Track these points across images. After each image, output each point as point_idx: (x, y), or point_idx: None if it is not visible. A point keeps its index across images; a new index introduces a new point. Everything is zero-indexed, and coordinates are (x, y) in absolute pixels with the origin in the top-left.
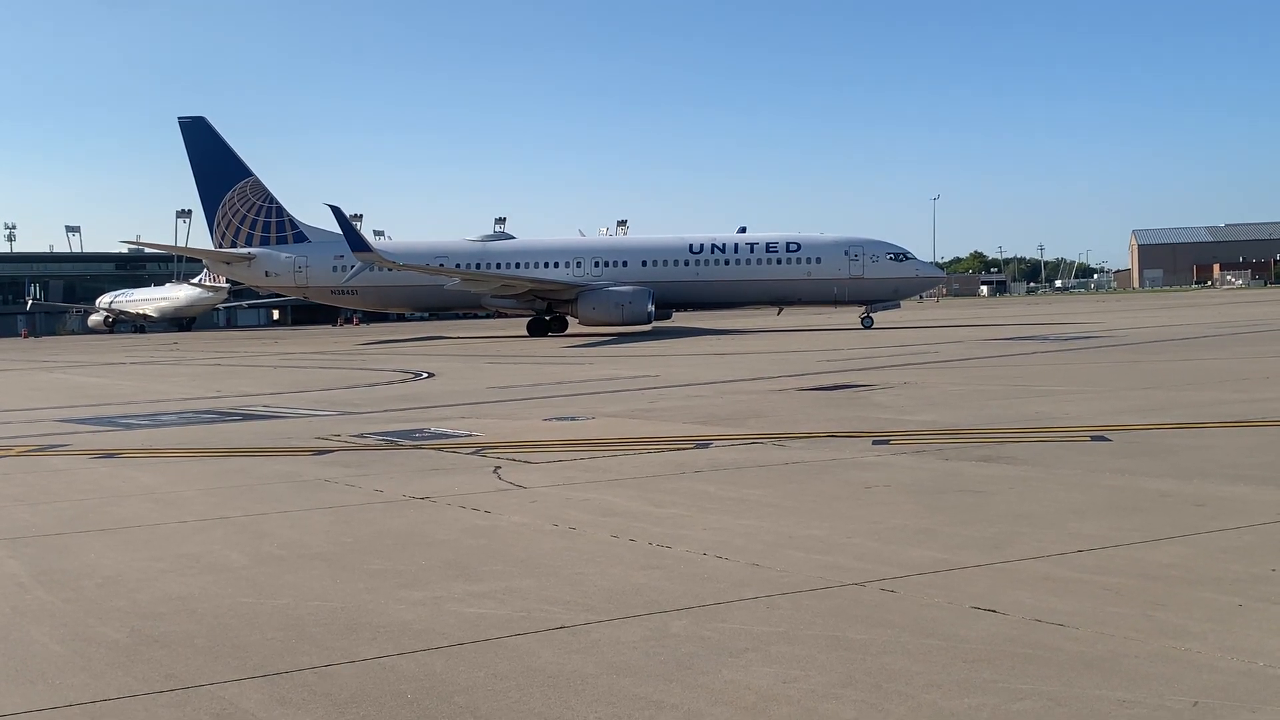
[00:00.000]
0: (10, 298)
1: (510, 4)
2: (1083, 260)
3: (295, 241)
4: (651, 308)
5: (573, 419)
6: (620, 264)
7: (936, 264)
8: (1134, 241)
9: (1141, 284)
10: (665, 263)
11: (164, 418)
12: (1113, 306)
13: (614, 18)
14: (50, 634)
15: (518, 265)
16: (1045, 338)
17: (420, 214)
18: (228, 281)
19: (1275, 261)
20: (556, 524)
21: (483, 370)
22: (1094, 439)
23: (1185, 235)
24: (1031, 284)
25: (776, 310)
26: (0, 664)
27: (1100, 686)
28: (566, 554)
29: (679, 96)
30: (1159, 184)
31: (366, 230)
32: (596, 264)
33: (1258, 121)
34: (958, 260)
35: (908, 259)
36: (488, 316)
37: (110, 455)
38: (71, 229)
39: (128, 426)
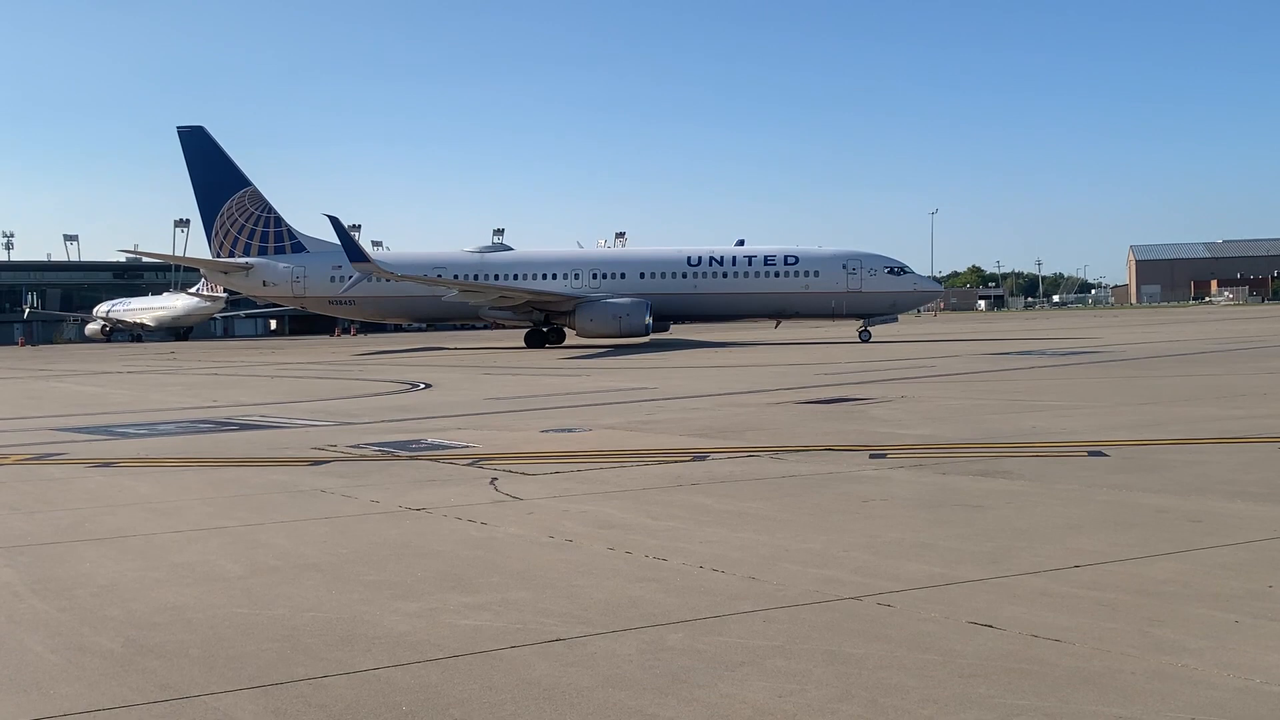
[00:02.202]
0: (7, 306)
1: (510, 17)
2: (1080, 276)
3: (293, 251)
4: (649, 320)
5: (570, 431)
6: (618, 276)
7: (934, 278)
8: (1132, 257)
9: (1139, 300)
10: (663, 275)
11: (160, 427)
12: (1110, 322)
13: (613, 31)
14: (45, 643)
15: (515, 277)
16: (1043, 353)
17: (418, 225)
18: (225, 291)
19: (1273, 278)
20: (553, 536)
21: (480, 381)
22: (1091, 454)
23: (1183, 251)
24: (1029, 299)
25: (774, 323)
26: None
27: (1096, 702)
28: (563, 566)
29: (678, 109)
30: (1157, 200)
31: (365, 241)
32: (594, 276)
33: (1256, 138)
34: (955, 274)
35: (905, 273)
36: (485, 328)
37: (106, 464)
38: (69, 238)
39: (124, 435)
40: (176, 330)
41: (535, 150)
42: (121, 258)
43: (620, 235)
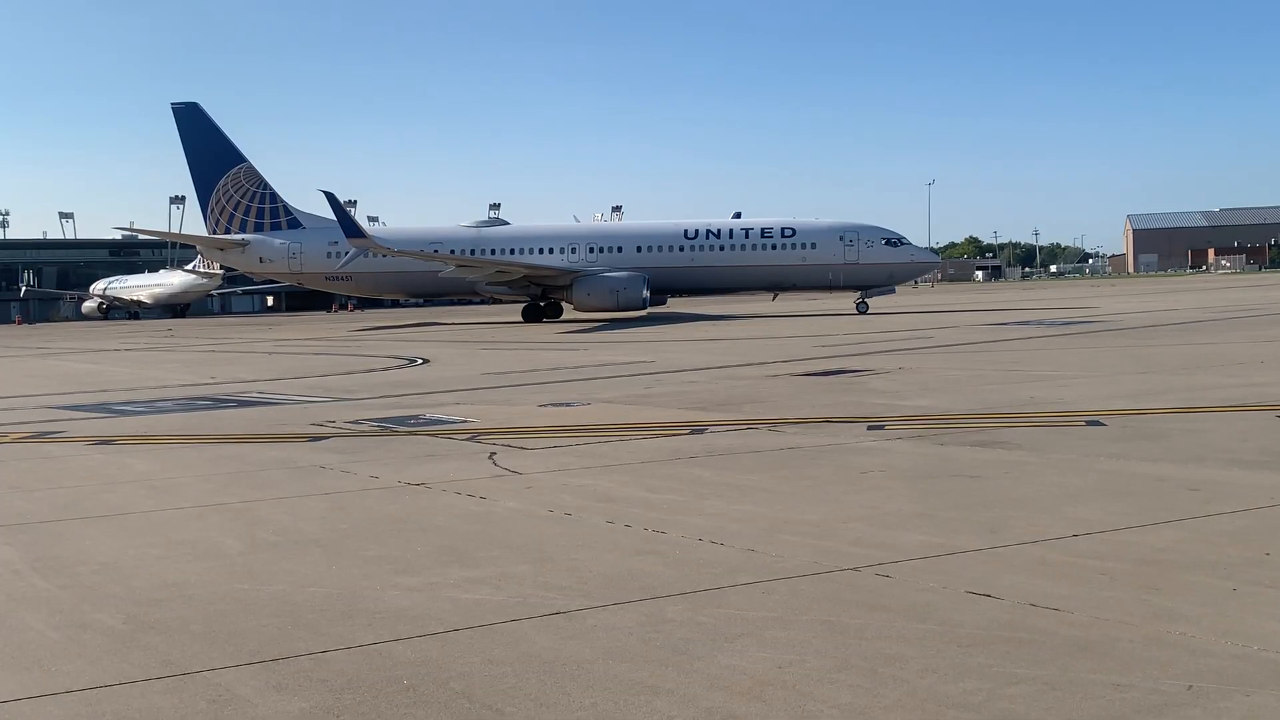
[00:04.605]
0: (3, 285)
1: None
2: (1078, 245)
3: (289, 228)
4: (646, 293)
5: (568, 405)
6: (615, 250)
7: (931, 249)
8: (1129, 226)
9: (1136, 269)
10: (660, 248)
11: (159, 404)
12: (1108, 292)
13: (609, 3)
14: (46, 621)
15: (512, 251)
16: (1040, 323)
17: (415, 200)
18: (222, 268)
19: (1270, 246)
20: (552, 510)
21: (478, 356)
22: (1089, 423)
23: (1180, 220)
24: (1027, 269)
25: (772, 296)
26: None
27: (1095, 670)
28: (562, 539)
29: (674, 82)
30: (1154, 169)
31: (361, 216)
32: (591, 250)
33: (1253, 106)
34: (953, 245)
35: (903, 244)
36: (483, 303)
37: (105, 442)
38: (65, 215)
39: (123, 413)
40: (173, 307)
41: (531, 124)
42: (118, 235)
43: (617, 209)
